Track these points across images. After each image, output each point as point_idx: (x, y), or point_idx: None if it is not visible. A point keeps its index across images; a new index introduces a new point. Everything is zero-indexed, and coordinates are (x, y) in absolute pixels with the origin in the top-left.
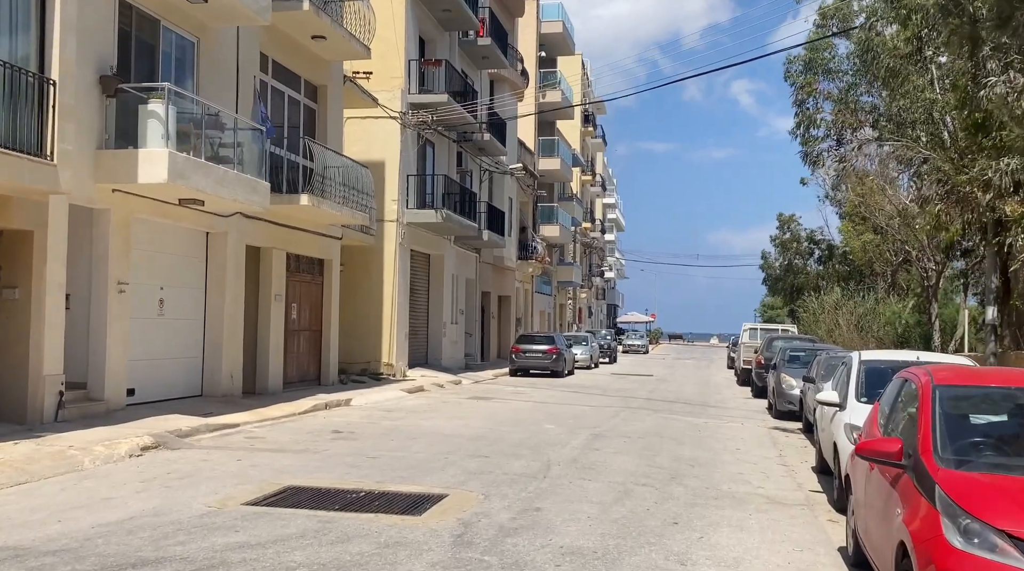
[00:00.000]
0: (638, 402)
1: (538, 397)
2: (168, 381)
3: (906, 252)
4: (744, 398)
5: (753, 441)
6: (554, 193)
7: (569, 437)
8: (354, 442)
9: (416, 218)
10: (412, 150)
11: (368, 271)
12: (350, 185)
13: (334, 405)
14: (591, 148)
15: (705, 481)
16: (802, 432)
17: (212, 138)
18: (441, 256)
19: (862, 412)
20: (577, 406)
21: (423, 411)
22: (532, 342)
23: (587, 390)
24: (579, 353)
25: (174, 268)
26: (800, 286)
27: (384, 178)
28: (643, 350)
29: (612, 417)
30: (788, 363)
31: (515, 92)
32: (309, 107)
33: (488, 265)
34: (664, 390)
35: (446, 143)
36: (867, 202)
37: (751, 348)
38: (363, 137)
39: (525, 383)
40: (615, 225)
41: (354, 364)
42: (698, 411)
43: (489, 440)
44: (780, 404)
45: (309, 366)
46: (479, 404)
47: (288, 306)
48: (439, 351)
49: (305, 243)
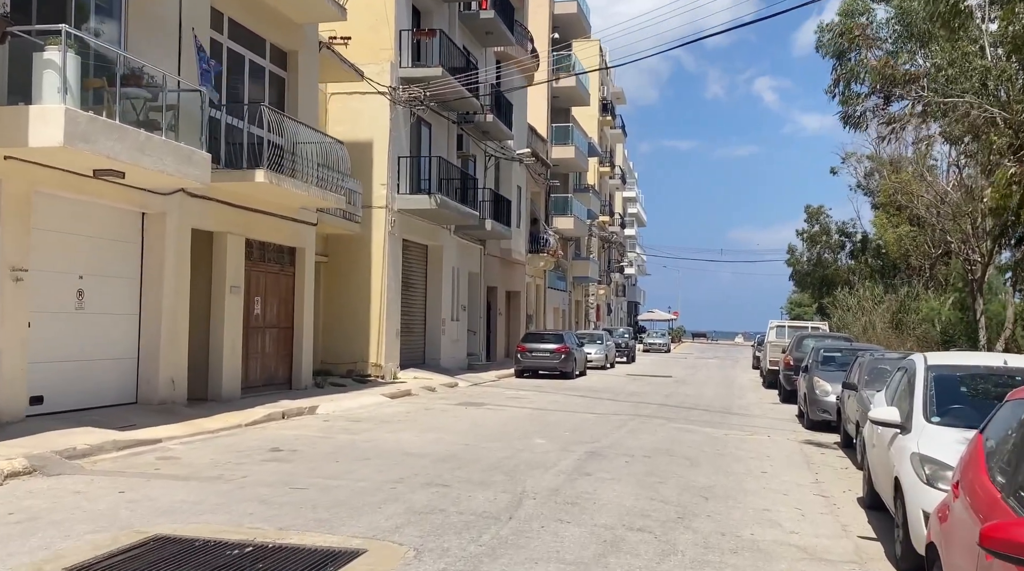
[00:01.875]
0: (651, 409)
1: (538, 403)
2: (92, 387)
3: (947, 243)
4: (771, 403)
5: (782, 460)
6: (569, 184)
7: (559, 456)
8: (288, 465)
9: (408, 204)
10: (404, 130)
11: (354, 263)
12: (329, 165)
13: (294, 414)
14: (610, 139)
15: (721, 523)
16: (840, 447)
17: (135, 98)
18: (440, 247)
19: (937, 438)
20: (580, 414)
21: (396, 421)
22: (539, 341)
23: (596, 394)
24: (593, 352)
25: (98, 254)
26: (830, 281)
27: (372, 160)
28: (664, 349)
29: (617, 428)
30: (821, 365)
31: (524, 72)
32: (277, 75)
33: (495, 258)
34: (682, 394)
35: (445, 124)
36: (906, 189)
37: (778, 347)
38: (349, 115)
39: (529, 385)
40: (636, 220)
41: (339, 365)
42: (718, 420)
43: (459, 461)
44: (813, 412)
45: (278, 368)
46: (467, 412)
47: (250, 300)
48: (437, 351)
49: (271, 229)
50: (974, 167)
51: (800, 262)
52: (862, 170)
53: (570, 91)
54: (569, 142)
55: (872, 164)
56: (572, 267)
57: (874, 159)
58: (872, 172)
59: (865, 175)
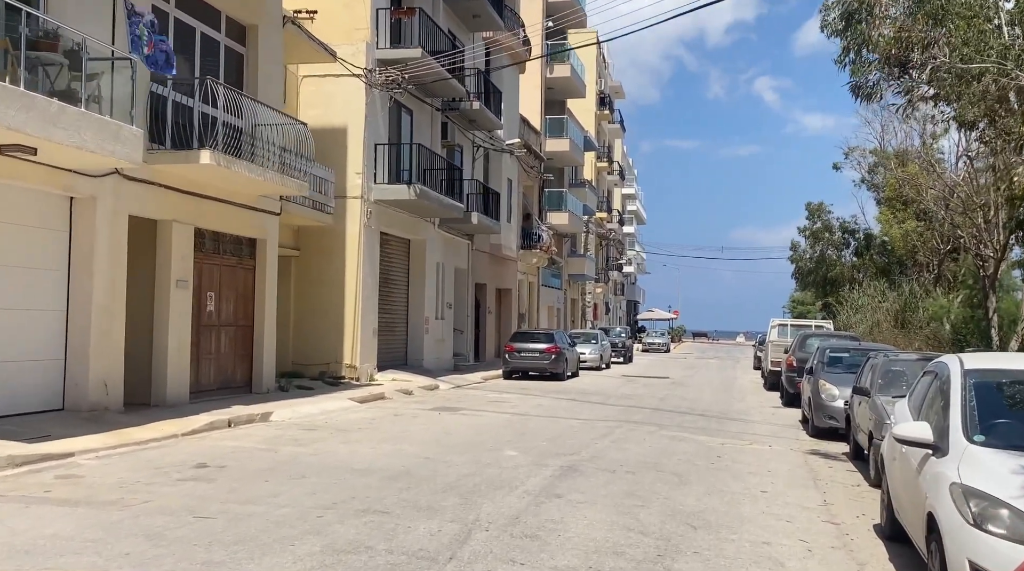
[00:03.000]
0: (643, 413)
1: (521, 407)
2: (8, 392)
3: (956, 238)
4: (772, 407)
5: (785, 475)
6: (564, 178)
7: (530, 472)
8: (206, 485)
9: (386, 195)
10: (381, 115)
11: (327, 257)
12: (294, 150)
13: (243, 421)
14: (608, 134)
15: (711, 563)
16: (849, 459)
17: (49, 64)
18: (423, 241)
19: (983, 464)
20: (564, 420)
21: (357, 430)
22: (528, 340)
23: (586, 397)
24: (587, 353)
25: (16, 243)
26: (834, 279)
27: (347, 147)
28: (664, 349)
29: (602, 437)
30: (827, 367)
31: (515, 61)
32: (234, 51)
33: (483, 254)
34: (678, 397)
35: (428, 112)
36: (913, 182)
37: (780, 347)
38: (322, 99)
39: (516, 388)
40: (635, 217)
41: (311, 366)
42: (715, 426)
43: (411, 479)
44: (818, 419)
45: (235, 370)
46: (440, 418)
47: (202, 295)
48: (420, 351)
49: (227, 217)
50: (988, 157)
51: (803, 259)
52: (866, 165)
53: (565, 82)
54: (564, 135)
55: (876, 158)
56: (567, 264)
57: (878, 154)
58: (877, 166)
59: (869, 170)
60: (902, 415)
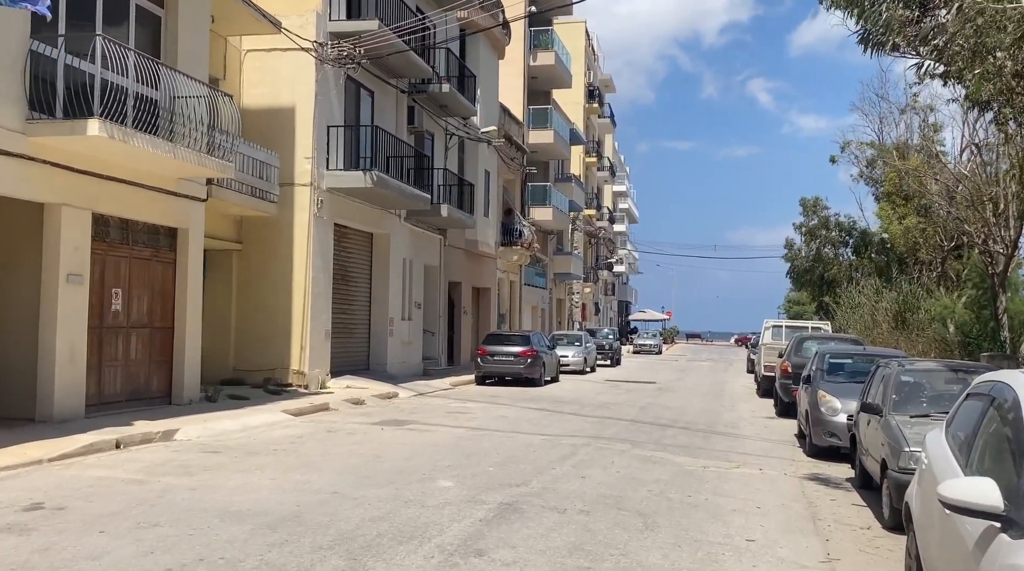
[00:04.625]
0: (618, 427)
1: (481, 420)
2: None
3: (961, 234)
4: (765, 417)
5: (777, 514)
6: (549, 172)
7: (456, 514)
8: (15, 539)
9: (340, 182)
10: (336, 95)
11: (272, 250)
12: (220, 127)
13: (136, 441)
14: (598, 129)
15: None
16: (855, 487)
17: None
18: (387, 235)
19: None
20: (525, 436)
21: (269, 452)
22: (502, 342)
23: (559, 406)
24: (570, 356)
25: None
26: (831, 278)
27: (295, 129)
28: (656, 350)
29: (563, 459)
30: (828, 375)
31: (494, 45)
32: (149, 13)
33: (458, 250)
34: (661, 405)
35: (392, 94)
36: (916, 174)
37: (774, 350)
38: (268, 76)
39: (485, 395)
40: (627, 215)
41: (254, 373)
42: (698, 443)
43: (297, 527)
44: (817, 436)
45: (150, 378)
46: (380, 436)
47: (105, 292)
48: (383, 355)
49: (136, 202)
50: (999, 145)
51: (799, 258)
52: (864, 158)
53: (549, 70)
54: (548, 126)
55: (875, 152)
56: (553, 263)
57: (876, 147)
58: (875, 160)
59: (868, 163)
60: (939, 455)
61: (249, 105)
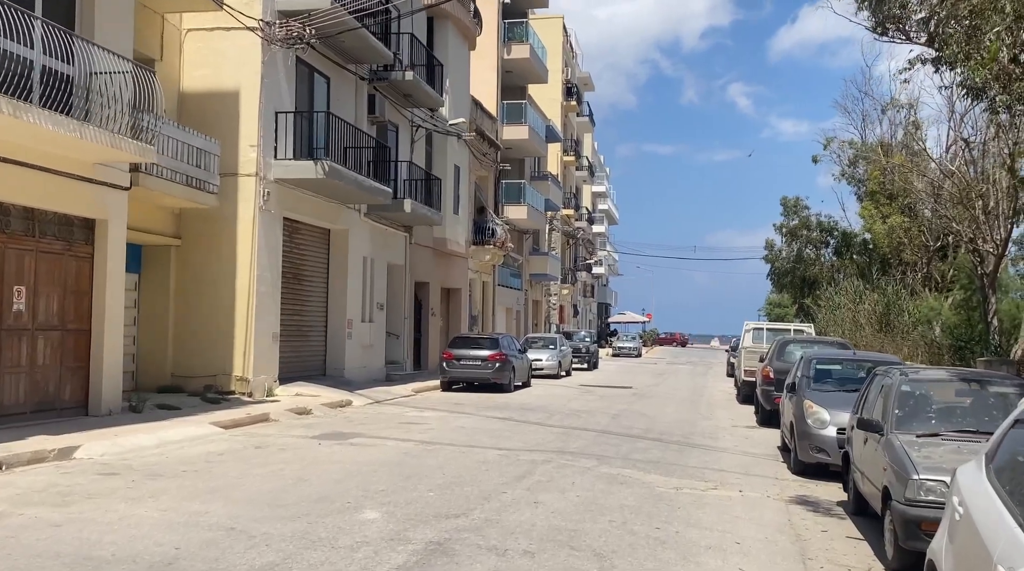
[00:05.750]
0: (585, 439)
1: (436, 432)
2: None
3: (948, 233)
4: (745, 427)
5: (760, 552)
6: (524, 170)
7: (368, 562)
8: None
9: (288, 172)
10: (286, 79)
11: (215, 246)
12: (144, 107)
13: (24, 461)
14: (577, 127)
15: None
16: (848, 513)
17: None
18: (345, 231)
19: None
20: (480, 451)
21: (176, 475)
22: (469, 346)
23: (526, 415)
24: (544, 359)
25: None
26: (813, 280)
27: (239, 115)
28: (635, 353)
29: (516, 480)
30: (815, 382)
31: (464, 36)
32: None
33: (426, 249)
34: (636, 412)
35: (351, 81)
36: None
37: (755, 354)
38: (211, 58)
39: (448, 403)
40: (607, 217)
41: (194, 379)
42: (672, 458)
43: None
44: (803, 451)
45: (62, 387)
46: (312, 453)
47: (4, 290)
48: (341, 359)
49: (42, 189)
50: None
51: (779, 259)
52: (846, 157)
53: (524, 64)
54: (523, 121)
55: (857, 151)
56: (528, 263)
57: (858, 147)
58: (857, 158)
59: (850, 162)
60: (985, 507)
61: (190, 88)
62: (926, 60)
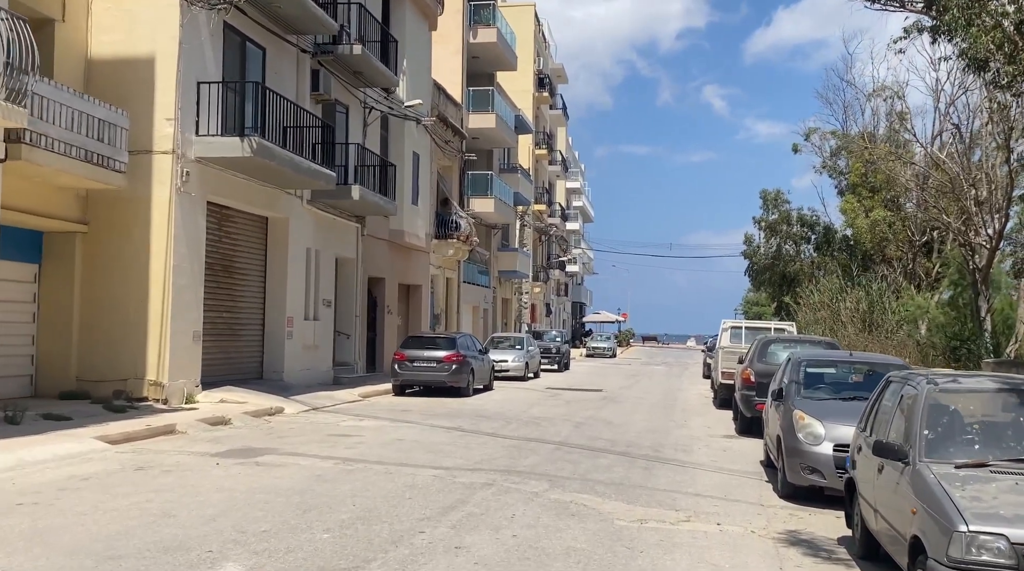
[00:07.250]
0: (540, 455)
1: (365, 447)
2: None
3: (936, 228)
4: (723, 436)
5: None
6: (493, 161)
7: None
8: None
9: (211, 150)
10: (211, 46)
11: (126, 233)
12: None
13: None
14: (550, 121)
15: None
16: (851, 554)
17: None
18: (285, 220)
19: None
20: (411, 470)
21: (3, 510)
22: (424, 346)
23: (479, 424)
24: (509, 360)
25: None
26: (793, 276)
27: (154, 84)
28: (609, 353)
29: (445, 512)
30: (805, 389)
31: (424, 14)
32: None
33: (381, 241)
34: (602, 421)
35: (292, 53)
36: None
37: (734, 355)
38: (123, 21)
39: (395, 410)
40: (581, 214)
41: (102, 383)
42: (637, 478)
43: None
44: (793, 471)
45: None
46: (207, 475)
47: None
48: (280, 361)
49: None
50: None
51: (757, 254)
52: (827, 149)
53: (491, 49)
54: (490, 109)
55: (839, 141)
56: (497, 259)
57: (838, 136)
58: (839, 150)
59: (832, 154)
60: None
61: (99, 55)
62: (923, 28)
